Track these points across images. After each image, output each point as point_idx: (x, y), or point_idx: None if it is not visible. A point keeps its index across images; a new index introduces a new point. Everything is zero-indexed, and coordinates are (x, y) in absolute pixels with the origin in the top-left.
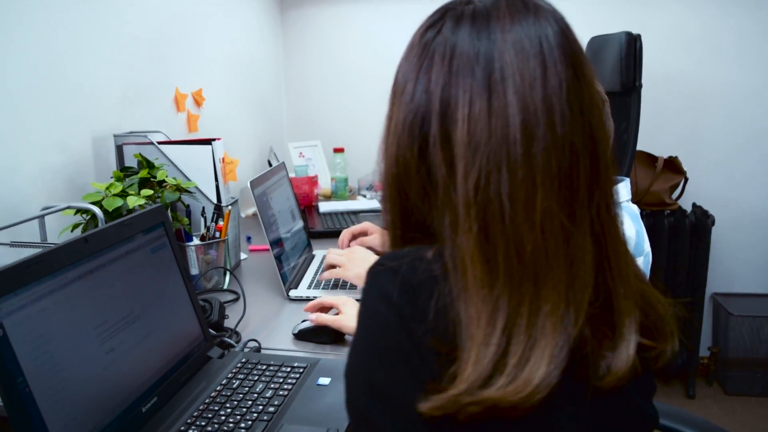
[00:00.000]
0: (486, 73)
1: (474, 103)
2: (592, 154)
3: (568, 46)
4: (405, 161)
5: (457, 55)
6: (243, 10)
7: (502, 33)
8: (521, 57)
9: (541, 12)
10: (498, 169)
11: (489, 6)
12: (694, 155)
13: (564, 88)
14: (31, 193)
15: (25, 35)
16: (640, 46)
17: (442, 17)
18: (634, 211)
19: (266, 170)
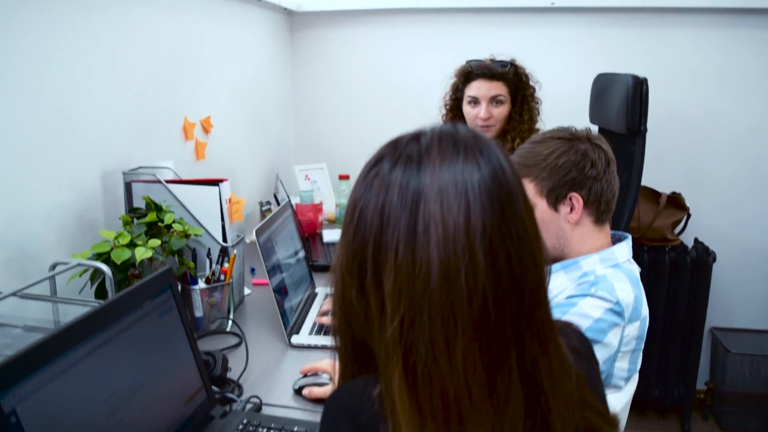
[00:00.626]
0: (412, 222)
1: (399, 253)
2: (518, 296)
3: (496, 189)
4: (349, 298)
5: (388, 202)
6: (253, 31)
7: (431, 180)
8: (445, 205)
9: (471, 155)
10: (420, 315)
11: (423, 150)
12: (698, 191)
13: (488, 234)
14: (41, 232)
15: (35, 73)
16: (646, 90)
17: (383, 159)
18: (634, 273)
19: (273, 213)
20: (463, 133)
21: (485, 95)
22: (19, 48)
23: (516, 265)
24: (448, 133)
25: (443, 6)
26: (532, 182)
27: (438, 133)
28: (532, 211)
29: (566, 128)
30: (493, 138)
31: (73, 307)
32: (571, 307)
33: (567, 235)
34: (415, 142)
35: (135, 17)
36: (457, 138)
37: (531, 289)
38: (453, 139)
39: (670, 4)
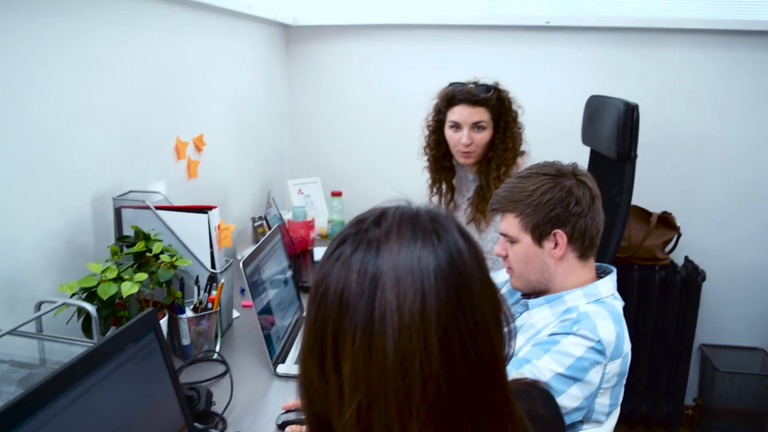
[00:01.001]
0: (369, 310)
1: (356, 340)
2: (474, 380)
3: (452, 276)
4: (311, 377)
5: (347, 287)
6: (248, 45)
7: (389, 267)
8: (401, 294)
9: (428, 241)
10: (377, 400)
11: (383, 235)
12: (690, 210)
13: (443, 322)
14: (30, 260)
15: (21, 99)
16: (637, 117)
17: (345, 241)
18: (617, 310)
19: (261, 241)
20: (423, 217)
21: (467, 121)
22: (4, 73)
23: (471, 351)
24: (408, 217)
25: (438, 23)
26: (517, 217)
27: (398, 216)
28: (492, 293)
29: (552, 163)
30: (476, 164)
31: (57, 344)
32: (553, 345)
33: (551, 269)
34: (376, 225)
35: (124, 39)
36: (416, 222)
37: (487, 373)
38: (412, 224)
39: (664, 25)
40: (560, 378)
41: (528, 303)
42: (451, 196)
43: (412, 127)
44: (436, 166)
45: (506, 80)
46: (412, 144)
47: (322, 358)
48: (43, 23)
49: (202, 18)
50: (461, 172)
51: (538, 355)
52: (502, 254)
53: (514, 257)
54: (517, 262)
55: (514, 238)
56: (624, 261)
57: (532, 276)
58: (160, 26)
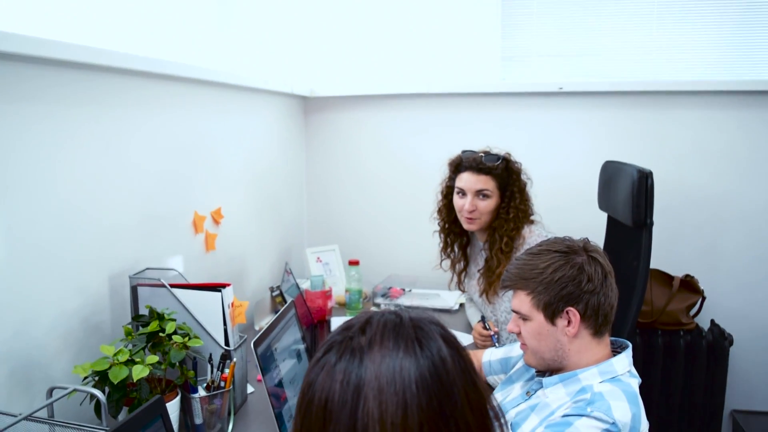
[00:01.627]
0: (352, 421)
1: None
2: None
3: (434, 385)
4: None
5: (331, 397)
6: (266, 117)
7: (370, 375)
8: (384, 405)
9: (410, 349)
10: None
11: (366, 344)
12: (713, 272)
13: (425, 430)
14: (46, 341)
15: (38, 181)
16: (651, 184)
17: (332, 348)
18: (632, 388)
19: (273, 319)
20: (406, 325)
21: (471, 188)
22: (22, 156)
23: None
24: (391, 326)
25: (451, 91)
26: (529, 295)
27: (382, 325)
28: (477, 399)
29: (563, 239)
30: (484, 231)
31: (69, 430)
32: (566, 427)
33: (565, 347)
34: (361, 333)
35: (141, 119)
36: (399, 331)
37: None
38: (395, 333)
39: (678, 87)
40: None
41: (542, 381)
42: (464, 264)
43: (427, 194)
44: (447, 231)
45: (520, 146)
46: (427, 210)
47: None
48: (61, 110)
49: (219, 95)
50: (474, 240)
51: None
52: (515, 331)
53: (527, 335)
54: (531, 340)
55: (527, 315)
56: (647, 326)
57: (546, 354)
58: (178, 105)
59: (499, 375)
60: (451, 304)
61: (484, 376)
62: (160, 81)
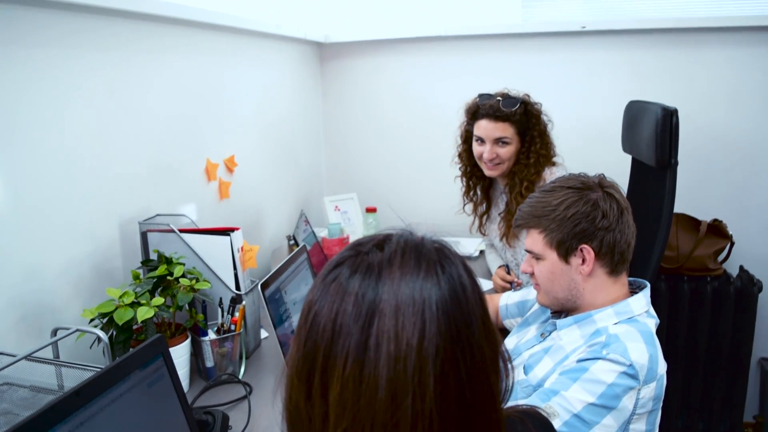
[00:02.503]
0: (364, 336)
1: (347, 366)
2: (467, 420)
3: (454, 310)
4: (296, 402)
5: (342, 310)
6: (281, 65)
7: (389, 294)
8: (401, 323)
9: (432, 271)
10: (362, 430)
11: (385, 260)
12: (742, 216)
13: (441, 356)
14: (57, 286)
15: (48, 127)
16: (677, 122)
17: (343, 263)
18: (649, 329)
19: (283, 262)
20: (428, 246)
21: (490, 136)
22: (32, 102)
23: (467, 390)
24: (412, 245)
25: (470, 33)
26: (542, 233)
27: (403, 243)
28: (492, 332)
29: (577, 176)
30: (501, 176)
31: (74, 370)
32: (582, 373)
33: (579, 287)
34: (378, 250)
35: (151, 64)
36: (421, 251)
37: (482, 413)
38: (416, 252)
39: (706, 24)
40: (592, 408)
41: (556, 323)
42: (486, 207)
43: (447, 139)
44: (469, 175)
45: (542, 88)
46: (447, 156)
47: (310, 383)
48: (69, 55)
49: (231, 40)
50: (496, 183)
51: (567, 385)
52: (528, 271)
53: (540, 274)
54: (544, 279)
55: (540, 254)
56: (673, 272)
57: (559, 293)
58: (188, 50)
59: (516, 318)
60: (471, 251)
61: (500, 320)
62: (168, 25)
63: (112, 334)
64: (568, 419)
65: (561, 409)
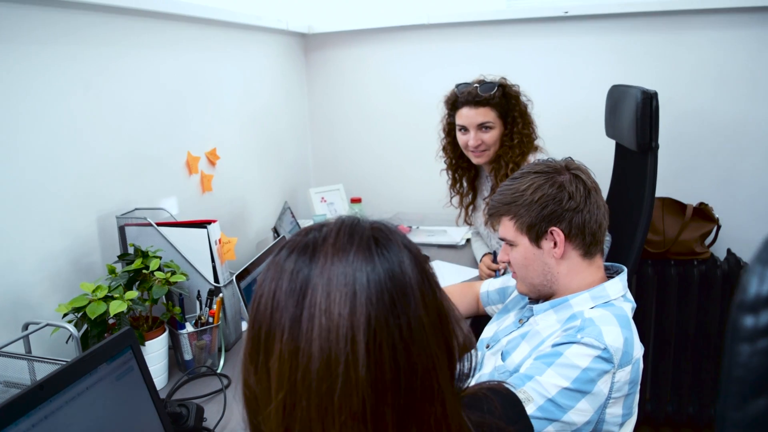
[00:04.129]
0: (299, 310)
1: (284, 339)
2: (405, 390)
3: (387, 282)
4: (247, 382)
5: (279, 288)
6: (265, 57)
7: (321, 269)
8: (331, 296)
9: (364, 249)
10: (299, 401)
11: (320, 239)
12: (729, 199)
13: (372, 326)
14: (34, 280)
15: (23, 122)
16: (656, 105)
17: (284, 246)
18: (625, 313)
19: (257, 256)
20: (363, 226)
21: (472, 123)
22: (6, 96)
23: (403, 359)
24: (348, 225)
25: (453, 21)
26: (512, 220)
27: (339, 224)
28: (436, 305)
29: (545, 161)
30: (488, 163)
31: (46, 365)
32: (556, 358)
33: (553, 271)
34: (316, 231)
35: (126, 58)
36: (354, 230)
37: (423, 383)
38: (350, 231)
39: (689, 5)
40: (567, 393)
41: (533, 308)
42: (472, 197)
43: (433, 128)
44: (454, 167)
45: (526, 74)
46: (433, 145)
47: (256, 361)
48: (45, 48)
49: (210, 33)
50: (482, 171)
51: (541, 370)
52: (505, 260)
53: (515, 261)
54: (519, 266)
55: (512, 241)
56: (660, 257)
57: (535, 279)
58: (168, 43)
59: (497, 305)
60: (458, 239)
61: (481, 306)
62: (147, 18)
63: (87, 329)
64: (543, 404)
65: (535, 394)
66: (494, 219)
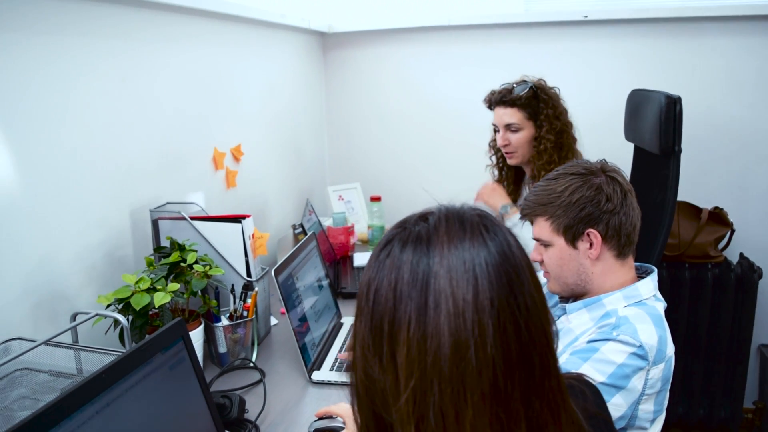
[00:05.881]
0: (423, 298)
1: (411, 327)
2: (528, 366)
3: (503, 264)
4: (369, 374)
5: (400, 279)
6: (285, 54)
7: (440, 258)
8: (454, 281)
9: (477, 233)
10: (431, 387)
11: (431, 229)
12: (743, 204)
13: (496, 308)
14: (70, 273)
15: (59, 117)
16: (680, 110)
17: (392, 240)
18: (658, 312)
19: (294, 248)
20: (468, 212)
21: (501, 123)
22: (43, 92)
23: (525, 336)
24: (454, 213)
25: (473, 23)
26: (548, 220)
27: (445, 213)
28: (539, 284)
29: (580, 162)
30: (525, 165)
31: (93, 354)
32: (592, 353)
33: (588, 271)
34: (422, 221)
35: (159, 53)
36: (463, 217)
37: (540, 358)
38: (459, 219)
39: (708, 13)
40: (602, 387)
41: (566, 307)
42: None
43: (450, 128)
44: (500, 167)
45: (544, 77)
46: (449, 145)
47: (380, 352)
48: (80, 43)
49: (236, 30)
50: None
51: (578, 365)
52: (537, 259)
53: (549, 261)
54: (553, 266)
55: (548, 241)
56: (674, 260)
57: (569, 279)
58: (195, 40)
59: None
60: None
61: None
62: (175, 13)
63: (128, 320)
64: None
65: None
66: (528, 219)
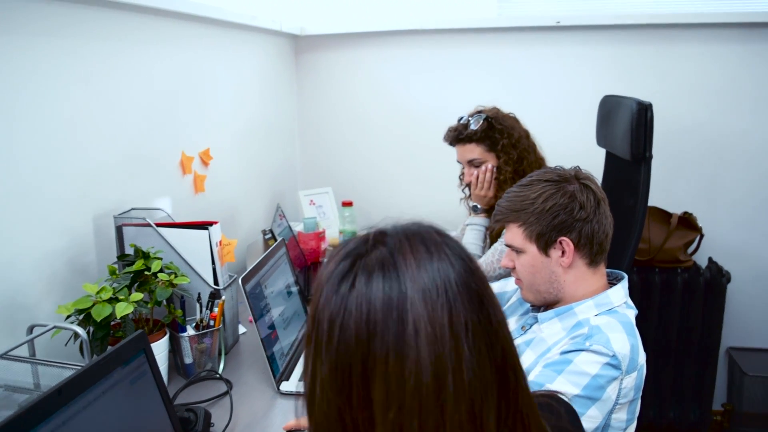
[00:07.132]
0: (401, 326)
1: (389, 360)
2: (502, 384)
3: (472, 281)
4: (334, 415)
5: (372, 311)
6: (256, 57)
7: (412, 282)
8: (429, 305)
9: (442, 254)
10: (410, 420)
11: (394, 252)
12: (712, 209)
13: (470, 329)
14: (30, 282)
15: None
16: (651, 116)
17: (353, 267)
18: (629, 319)
19: (263, 256)
20: (426, 230)
21: (462, 159)
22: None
23: (498, 354)
24: (412, 232)
25: (445, 27)
26: (521, 227)
27: (402, 232)
28: (498, 302)
29: (554, 169)
30: None
31: (51, 368)
32: (566, 365)
33: (560, 279)
34: (379, 245)
35: (124, 55)
36: (423, 236)
37: (513, 373)
38: (420, 238)
39: (679, 20)
40: (578, 400)
41: (537, 316)
42: None
43: (422, 134)
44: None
45: (517, 82)
46: (422, 150)
47: (348, 391)
48: (40, 43)
49: (205, 31)
50: None
51: (551, 378)
52: (509, 266)
53: (522, 268)
54: (525, 273)
55: (520, 248)
56: (645, 264)
57: (541, 286)
58: (163, 41)
59: None
60: None
61: None
62: (143, 14)
63: (89, 331)
64: None
65: None
66: (499, 225)
